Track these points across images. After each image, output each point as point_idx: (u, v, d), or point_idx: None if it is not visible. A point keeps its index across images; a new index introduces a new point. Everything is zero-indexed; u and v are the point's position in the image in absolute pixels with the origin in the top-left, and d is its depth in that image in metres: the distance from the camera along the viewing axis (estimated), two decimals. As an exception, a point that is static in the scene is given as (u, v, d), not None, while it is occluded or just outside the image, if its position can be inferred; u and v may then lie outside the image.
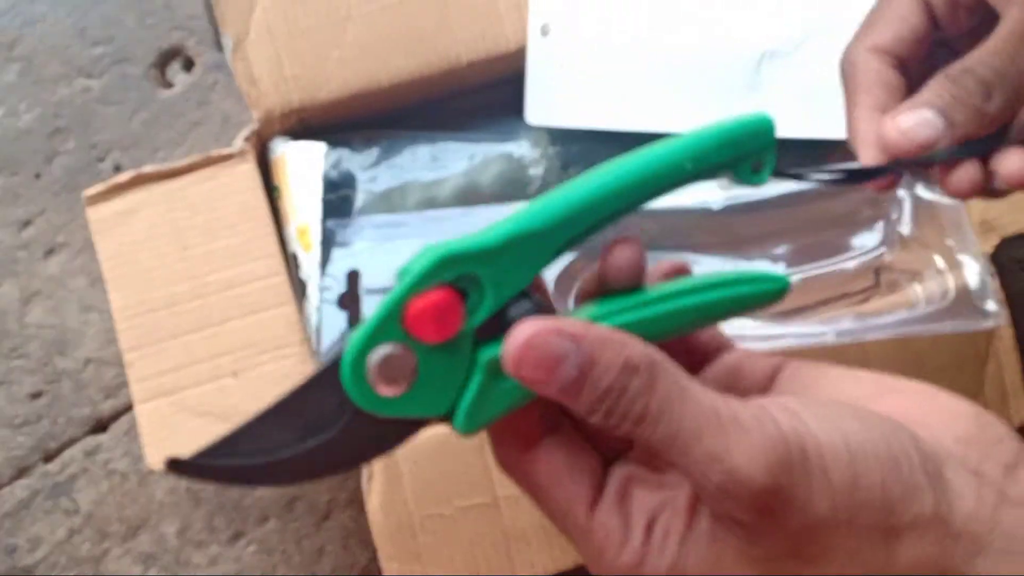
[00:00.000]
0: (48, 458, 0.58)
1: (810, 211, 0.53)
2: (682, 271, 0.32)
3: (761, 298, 0.31)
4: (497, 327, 0.28)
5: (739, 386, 0.32)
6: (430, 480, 0.47)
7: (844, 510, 0.26)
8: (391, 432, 0.28)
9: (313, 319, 0.49)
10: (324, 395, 0.27)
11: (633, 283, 0.31)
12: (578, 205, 0.29)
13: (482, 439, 0.47)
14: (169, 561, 0.57)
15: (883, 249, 0.53)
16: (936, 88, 0.37)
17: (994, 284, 0.50)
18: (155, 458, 0.46)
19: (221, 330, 0.48)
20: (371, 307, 0.50)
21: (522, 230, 0.28)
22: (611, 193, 0.29)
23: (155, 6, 0.63)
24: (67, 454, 0.58)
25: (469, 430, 0.29)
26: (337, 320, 0.50)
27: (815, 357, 0.49)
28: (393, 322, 0.27)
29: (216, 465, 0.27)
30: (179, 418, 0.47)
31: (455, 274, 0.27)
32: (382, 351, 0.27)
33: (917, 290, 0.52)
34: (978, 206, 0.51)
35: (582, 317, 0.29)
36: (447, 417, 0.29)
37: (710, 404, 0.27)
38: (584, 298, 0.32)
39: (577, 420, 0.30)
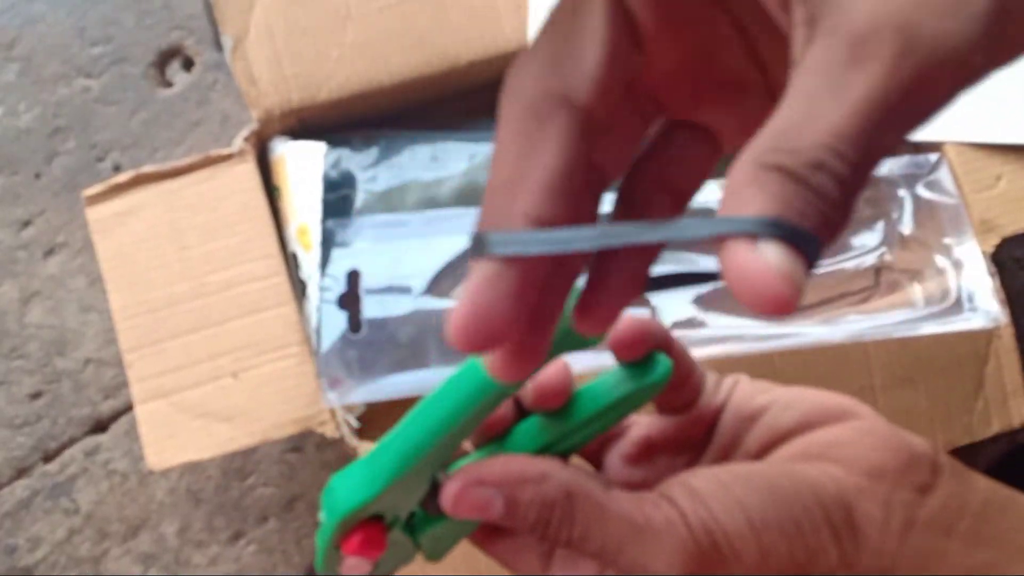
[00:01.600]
0: (48, 458, 0.58)
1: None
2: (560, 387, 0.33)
3: (650, 390, 0.32)
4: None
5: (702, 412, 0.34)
6: (430, 480, 0.47)
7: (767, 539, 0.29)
8: None
9: (313, 319, 0.49)
10: None
11: (558, 405, 0.33)
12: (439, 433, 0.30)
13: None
14: (169, 561, 0.57)
15: (883, 249, 0.53)
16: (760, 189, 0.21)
17: (994, 283, 0.50)
18: (155, 459, 0.46)
19: (221, 330, 0.48)
20: (371, 308, 0.50)
21: (395, 474, 0.30)
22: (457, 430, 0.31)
23: (154, 6, 0.63)
24: (67, 454, 0.58)
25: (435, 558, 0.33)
26: (338, 320, 0.50)
27: (815, 357, 0.49)
28: (336, 550, 0.31)
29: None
30: (179, 418, 0.47)
31: (360, 519, 0.31)
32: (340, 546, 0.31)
33: (917, 290, 0.52)
34: (978, 205, 0.51)
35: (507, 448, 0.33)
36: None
37: (627, 516, 0.30)
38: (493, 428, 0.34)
39: None
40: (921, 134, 0.51)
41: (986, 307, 0.50)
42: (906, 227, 0.53)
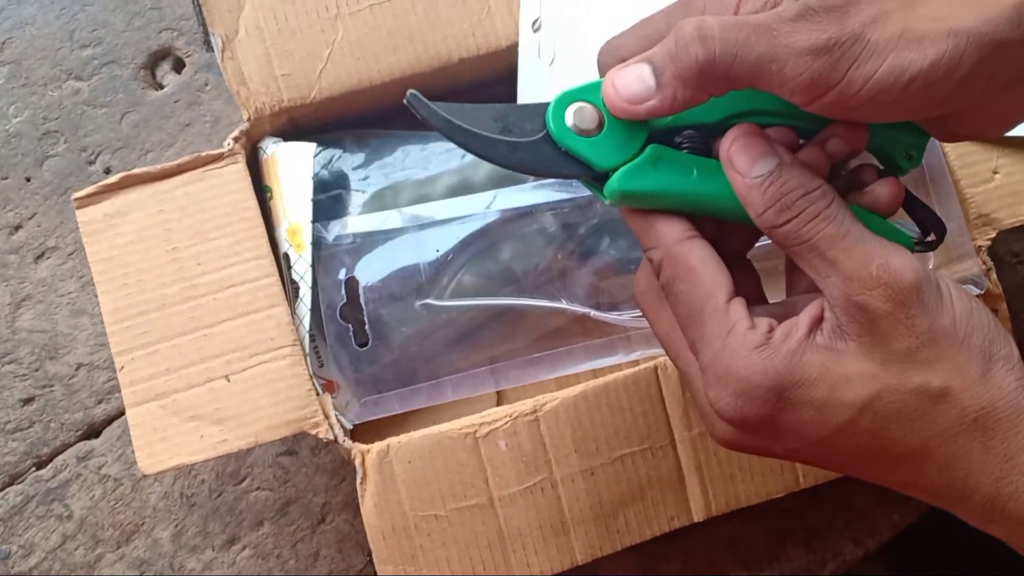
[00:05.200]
0: (40, 464, 0.58)
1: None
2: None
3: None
4: (668, 140, 0.37)
5: None
6: (425, 481, 0.47)
7: (962, 328, 0.33)
8: (565, 165, 0.37)
9: (306, 321, 0.48)
10: (529, 117, 0.37)
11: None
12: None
13: (478, 444, 0.47)
14: (163, 566, 0.57)
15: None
16: (664, 42, 0.35)
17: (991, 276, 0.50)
18: (147, 462, 0.46)
19: (212, 332, 0.47)
20: (372, 315, 0.50)
21: None
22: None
23: (144, 7, 0.63)
24: (59, 460, 0.58)
25: (617, 191, 0.36)
26: (341, 332, 0.50)
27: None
28: (594, 92, 0.36)
29: (439, 113, 0.36)
30: (171, 421, 0.46)
31: None
32: (579, 104, 0.36)
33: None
34: (975, 199, 0.50)
35: None
36: (603, 179, 0.36)
37: (872, 233, 0.34)
38: None
39: None
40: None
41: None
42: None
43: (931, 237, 0.40)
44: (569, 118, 0.36)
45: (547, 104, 0.37)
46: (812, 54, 0.31)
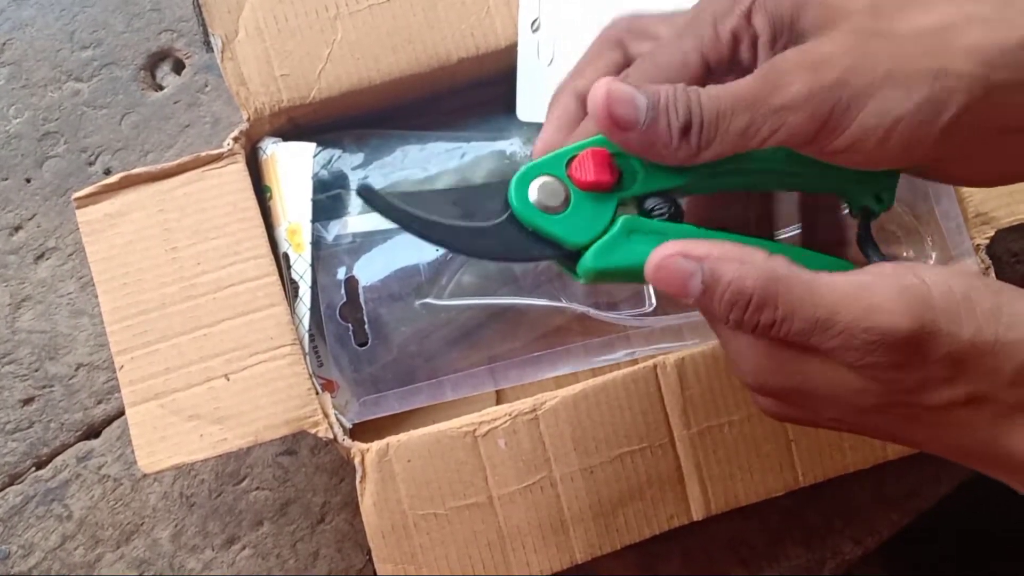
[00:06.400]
0: (40, 464, 0.58)
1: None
2: None
3: None
4: (638, 209, 0.35)
5: None
6: (424, 480, 0.47)
7: (990, 332, 0.30)
8: (533, 247, 0.35)
9: (305, 321, 0.48)
10: (490, 197, 0.35)
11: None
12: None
13: (477, 443, 0.47)
14: (163, 566, 0.57)
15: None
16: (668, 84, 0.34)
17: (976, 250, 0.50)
18: (146, 461, 0.46)
19: (212, 331, 0.47)
20: (372, 315, 0.50)
21: None
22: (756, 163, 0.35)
23: (144, 9, 0.63)
24: (59, 460, 0.58)
25: (592, 269, 0.34)
26: (340, 332, 0.50)
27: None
28: (556, 166, 0.35)
29: (395, 205, 0.34)
30: (170, 420, 0.46)
31: (613, 151, 0.35)
32: (542, 179, 0.35)
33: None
34: (973, 198, 0.50)
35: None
36: (575, 256, 0.35)
37: (839, 285, 0.31)
38: None
39: None
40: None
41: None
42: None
43: None
44: (533, 195, 0.34)
45: (507, 183, 0.35)
46: (789, 110, 0.31)
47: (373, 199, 0.34)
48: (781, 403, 0.35)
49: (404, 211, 0.34)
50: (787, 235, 0.43)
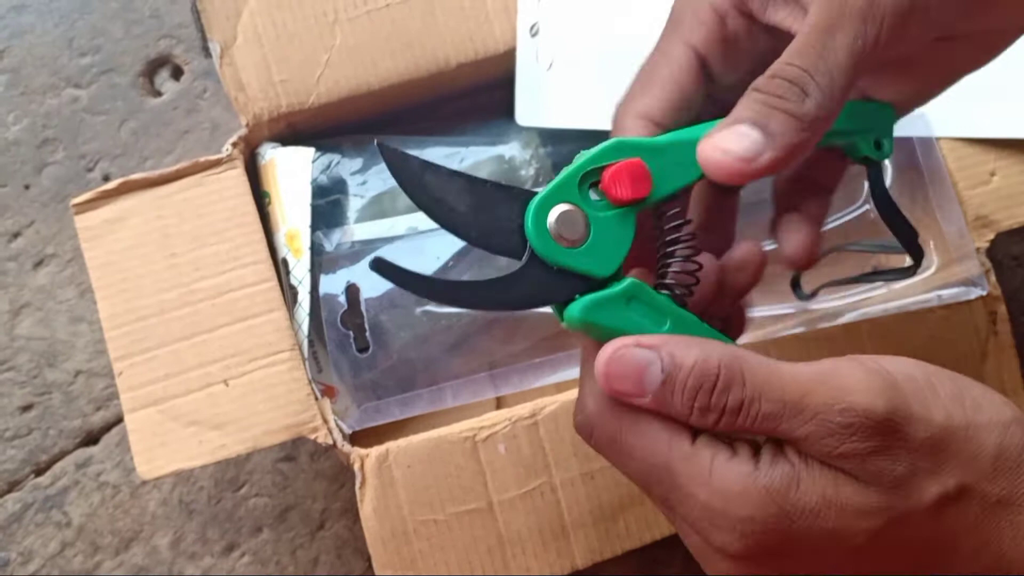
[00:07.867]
0: (39, 471, 0.58)
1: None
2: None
3: None
4: (656, 217, 0.34)
5: None
6: (424, 485, 0.47)
7: (959, 416, 0.30)
8: (563, 286, 0.32)
9: (304, 326, 0.48)
10: (502, 200, 0.32)
11: (751, 284, 0.36)
12: None
13: (477, 448, 0.47)
14: (162, 573, 0.57)
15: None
16: (745, 102, 0.32)
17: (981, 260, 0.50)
18: (145, 467, 0.46)
19: (211, 337, 0.47)
20: (372, 321, 0.50)
21: (683, 139, 0.33)
22: None
23: (142, 15, 0.63)
24: (58, 467, 0.58)
25: (579, 320, 0.32)
26: (341, 339, 0.50)
27: (811, 347, 0.49)
28: (571, 187, 0.32)
29: (412, 273, 0.31)
30: (170, 426, 0.46)
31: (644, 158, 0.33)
32: (560, 208, 0.32)
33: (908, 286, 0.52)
34: (972, 201, 0.50)
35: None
36: (604, 284, 0.32)
37: (804, 369, 0.30)
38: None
39: None
40: (914, 130, 0.51)
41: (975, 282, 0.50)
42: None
43: (908, 262, 0.39)
44: (552, 228, 0.32)
45: (515, 189, 0.33)
46: None
47: (389, 272, 0.31)
48: (758, 565, 0.31)
49: (425, 279, 0.32)
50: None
